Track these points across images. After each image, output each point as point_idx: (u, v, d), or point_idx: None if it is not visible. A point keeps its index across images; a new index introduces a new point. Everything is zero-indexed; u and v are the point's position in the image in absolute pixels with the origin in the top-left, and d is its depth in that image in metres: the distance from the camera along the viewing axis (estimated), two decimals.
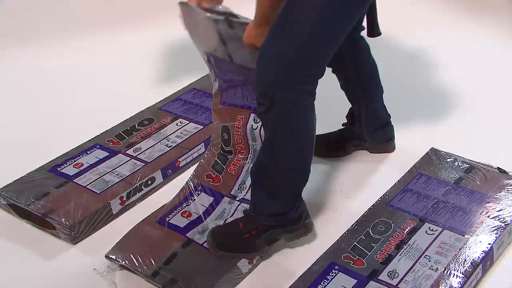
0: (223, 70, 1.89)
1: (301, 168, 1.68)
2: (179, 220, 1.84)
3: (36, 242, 1.88)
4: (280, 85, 1.54)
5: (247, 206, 1.81)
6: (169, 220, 1.85)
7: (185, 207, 1.89)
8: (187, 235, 1.79)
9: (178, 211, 1.88)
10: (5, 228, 1.94)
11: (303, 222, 1.73)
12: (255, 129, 1.93)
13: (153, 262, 1.69)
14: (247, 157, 1.97)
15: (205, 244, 1.74)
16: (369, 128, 2.08)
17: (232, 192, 1.92)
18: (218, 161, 2.00)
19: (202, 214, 1.86)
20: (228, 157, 2.00)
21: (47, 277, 1.76)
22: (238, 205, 1.87)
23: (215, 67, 1.91)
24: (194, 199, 1.91)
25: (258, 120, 1.87)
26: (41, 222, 1.89)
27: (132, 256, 1.71)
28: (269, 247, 1.73)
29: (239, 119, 1.94)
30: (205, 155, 2.03)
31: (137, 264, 1.69)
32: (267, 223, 1.69)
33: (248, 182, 1.91)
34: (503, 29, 2.95)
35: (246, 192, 1.90)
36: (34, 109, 2.57)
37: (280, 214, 1.69)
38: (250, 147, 1.97)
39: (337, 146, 2.13)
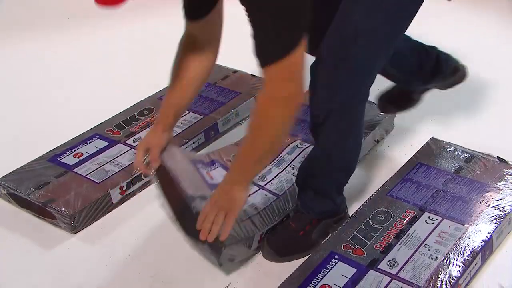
0: None
1: (353, 167, 1.72)
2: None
3: (36, 231, 1.88)
4: (338, 99, 1.52)
5: (266, 193, 1.83)
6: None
7: (210, 170, 1.86)
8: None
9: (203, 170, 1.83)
10: (5, 218, 1.94)
11: (345, 211, 1.80)
12: (299, 147, 2.02)
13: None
14: (273, 161, 1.98)
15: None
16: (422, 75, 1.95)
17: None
18: None
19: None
20: None
21: (47, 266, 1.76)
22: (257, 190, 1.86)
23: None
24: (215, 168, 1.88)
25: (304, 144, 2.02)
26: (41, 211, 1.89)
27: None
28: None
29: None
30: (227, 146, 2.04)
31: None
32: (318, 216, 1.74)
33: (270, 176, 1.91)
34: (502, 21, 2.95)
35: (267, 183, 1.89)
36: (33, 99, 2.57)
37: (331, 210, 1.75)
38: (280, 157, 2.00)
39: (402, 99, 2.05)
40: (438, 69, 1.94)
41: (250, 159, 1.47)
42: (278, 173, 1.93)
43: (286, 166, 1.96)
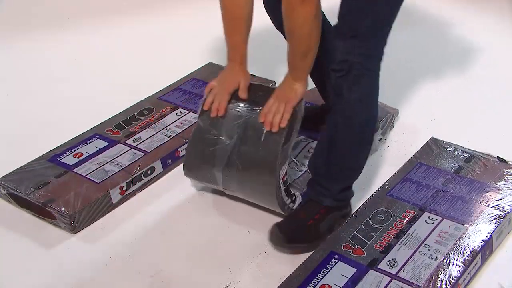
0: None
1: (369, 141, 1.75)
2: None
3: (36, 231, 1.88)
4: (358, 52, 1.62)
5: None
6: None
7: None
8: None
9: None
10: (5, 218, 1.94)
11: (351, 206, 1.82)
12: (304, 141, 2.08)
13: None
14: None
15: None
16: None
17: None
18: None
19: None
20: None
21: (47, 266, 1.76)
22: None
23: None
24: None
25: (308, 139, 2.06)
26: (41, 211, 1.89)
27: None
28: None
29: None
30: None
31: None
32: (329, 204, 1.75)
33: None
34: (502, 21, 2.95)
35: None
36: (33, 99, 2.56)
37: (345, 190, 1.77)
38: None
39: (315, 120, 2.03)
40: None
41: (296, 57, 1.68)
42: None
43: (290, 162, 1.97)
